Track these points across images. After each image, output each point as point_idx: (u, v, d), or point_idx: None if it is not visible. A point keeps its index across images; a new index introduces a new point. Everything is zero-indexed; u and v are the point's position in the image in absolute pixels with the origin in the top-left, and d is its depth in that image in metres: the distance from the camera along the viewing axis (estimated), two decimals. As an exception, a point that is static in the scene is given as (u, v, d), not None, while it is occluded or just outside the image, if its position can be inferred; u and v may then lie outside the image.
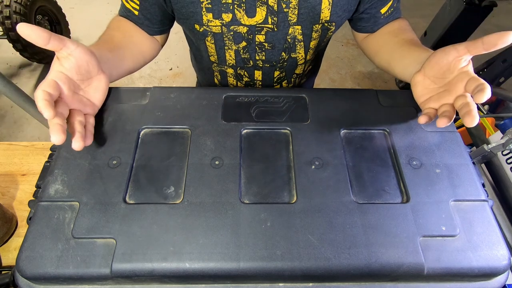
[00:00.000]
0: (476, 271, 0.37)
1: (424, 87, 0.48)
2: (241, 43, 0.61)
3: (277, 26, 0.58)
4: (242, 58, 0.65)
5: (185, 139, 0.46)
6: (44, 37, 0.37)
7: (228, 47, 0.62)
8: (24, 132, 1.81)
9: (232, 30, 0.58)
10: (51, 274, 0.35)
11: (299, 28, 0.59)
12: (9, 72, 2.10)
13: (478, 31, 1.69)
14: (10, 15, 1.70)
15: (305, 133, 0.47)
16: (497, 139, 0.69)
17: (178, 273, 0.36)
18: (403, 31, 0.61)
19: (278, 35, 0.60)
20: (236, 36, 0.60)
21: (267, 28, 0.58)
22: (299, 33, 0.60)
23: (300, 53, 0.65)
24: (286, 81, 0.73)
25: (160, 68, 2.21)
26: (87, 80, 0.45)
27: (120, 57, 0.54)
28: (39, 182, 0.43)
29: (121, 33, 0.58)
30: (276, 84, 0.72)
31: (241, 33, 0.59)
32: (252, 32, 0.59)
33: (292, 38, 0.61)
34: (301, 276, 0.37)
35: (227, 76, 0.71)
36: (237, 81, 0.72)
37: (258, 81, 0.71)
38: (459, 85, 0.43)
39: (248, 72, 0.69)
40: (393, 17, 0.64)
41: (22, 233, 0.60)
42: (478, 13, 1.51)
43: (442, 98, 0.45)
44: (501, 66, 1.14)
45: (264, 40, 0.60)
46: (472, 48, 0.41)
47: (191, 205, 0.40)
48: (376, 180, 0.43)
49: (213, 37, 0.60)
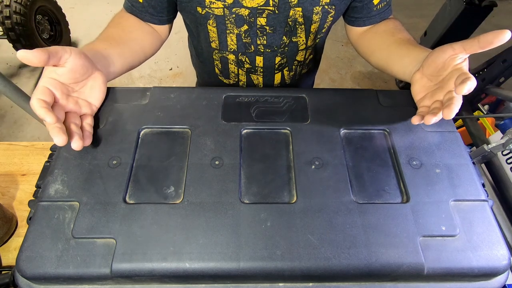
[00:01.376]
0: (476, 271, 0.37)
1: (421, 85, 0.49)
2: (242, 27, 0.62)
3: (278, 8, 0.58)
4: (243, 42, 0.65)
5: (185, 139, 0.46)
6: (43, 60, 0.38)
7: (230, 30, 0.62)
8: (24, 132, 1.81)
9: (234, 12, 0.59)
10: (51, 274, 0.35)
11: (299, 10, 0.59)
12: (9, 72, 2.10)
13: (478, 31, 1.69)
14: (10, 15, 1.70)
15: (305, 133, 0.47)
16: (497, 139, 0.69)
17: (178, 273, 0.36)
18: (399, 31, 0.62)
19: (279, 18, 0.60)
20: (238, 19, 0.60)
21: (268, 10, 0.59)
22: (300, 16, 0.60)
23: (301, 37, 0.65)
24: (287, 68, 0.73)
25: (160, 68, 2.21)
26: (82, 81, 0.45)
27: (117, 53, 0.55)
28: (39, 182, 0.43)
29: (120, 29, 0.59)
30: (278, 71, 0.72)
31: (243, 15, 0.59)
32: (253, 15, 0.59)
33: (293, 21, 0.61)
34: (301, 276, 0.37)
35: (228, 63, 0.71)
36: (238, 68, 0.72)
37: (259, 68, 0.71)
38: (450, 82, 0.44)
39: (249, 58, 0.69)
40: (386, 14, 0.65)
41: (22, 233, 0.60)
42: (478, 13, 1.51)
43: (435, 95, 0.46)
44: (501, 66, 1.14)
45: (265, 23, 0.61)
46: (468, 46, 0.41)
47: (191, 205, 0.40)
48: (376, 180, 0.43)
49: (215, 20, 0.60)
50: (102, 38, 0.56)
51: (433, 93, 0.47)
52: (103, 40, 0.55)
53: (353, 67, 2.31)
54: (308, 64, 0.77)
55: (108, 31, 0.58)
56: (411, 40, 0.58)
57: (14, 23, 1.71)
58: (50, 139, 0.38)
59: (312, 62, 0.79)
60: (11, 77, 2.06)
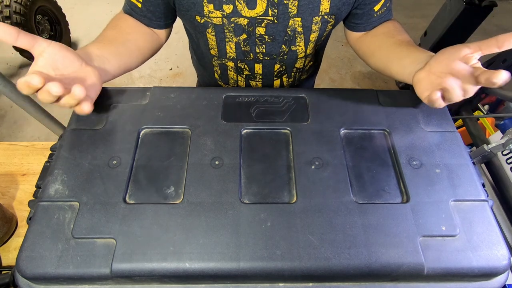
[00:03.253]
0: (476, 271, 0.37)
1: (429, 83, 0.47)
2: (241, 35, 0.62)
3: (277, 18, 0.58)
4: (242, 50, 0.65)
5: (185, 139, 0.46)
6: (12, 34, 0.38)
7: (229, 39, 0.63)
8: (24, 132, 1.81)
9: (232, 22, 0.59)
10: (51, 274, 0.35)
11: (299, 20, 0.59)
12: (9, 72, 2.10)
13: (478, 31, 1.69)
14: (10, 15, 1.70)
15: (305, 133, 0.47)
16: (497, 139, 0.69)
17: (178, 273, 0.36)
18: (398, 32, 0.62)
19: (278, 27, 0.60)
20: (237, 28, 0.60)
21: (268, 20, 0.59)
22: (299, 25, 0.60)
23: (300, 46, 0.65)
24: (286, 75, 0.73)
25: (160, 68, 2.21)
26: (71, 73, 0.44)
27: (113, 53, 0.54)
28: (39, 182, 0.43)
29: (116, 31, 0.59)
30: (277, 78, 0.72)
31: (242, 25, 0.59)
32: (252, 24, 0.59)
33: (292, 30, 0.61)
34: (301, 276, 0.37)
35: (227, 70, 0.71)
36: (237, 75, 0.72)
37: (258, 75, 0.71)
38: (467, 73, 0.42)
39: (248, 66, 0.69)
40: (386, 17, 0.65)
41: (22, 233, 0.60)
42: (478, 13, 1.51)
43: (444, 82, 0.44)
44: (501, 66, 1.14)
45: (264, 32, 0.61)
46: (485, 46, 0.40)
47: (191, 205, 0.40)
48: (376, 180, 0.43)
49: (214, 29, 0.60)
50: (98, 40, 0.56)
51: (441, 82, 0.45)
52: (98, 41, 0.55)
53: (353, 67, 2.31)
54: (307, 70, 0.77)
55: (105, 33, 0.58)
56: (410, 42, 0.59)
57: (14, 23, 1.71)
58: (50, 139, 0.38)
59: (312, 68, 0.79)
60: (11, 77, 2.06)
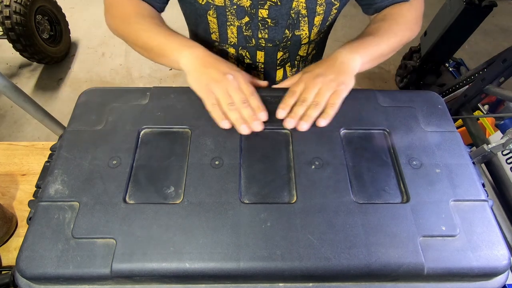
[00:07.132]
0: (476, 271, 0.37)
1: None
2: (243, 19, 0.60)
3: (281, 0, 0.57)
4: (244, 36, 0.63)
5: (185, 139, 0.46)
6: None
7: (231, 22, 0.61)
8: (24, 132, 1.81)
9: (235, 3, 0.57)
10: (51, 274, 0.35)
11: (303, 2, 0.57)
12: (9, 72, 2.10)
13: (478, 31, 1.69)
14: (10, 15, 1.69)
15: (305, 133, 0.47)
16: (497, 139, 0.69)
17: (178, 273, 0.36)
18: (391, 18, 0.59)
19: (281, 10, 0.59)
20: (239, 10, 0.58)
21: (271, 2, 0.57)
22: (303, 7, 0.58)
23: (304, 30, 0.63)
24: (289, 64, 0.71)
25: (160, 68, 2.21)
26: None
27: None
28: (39, 182, 0.43)
29: (156, 19, 0.58)
30: (280, 67, 0.71)
31: (244, 7, 0.58)
32: (255, 6, 0.58)
33: (296, 13, 0.59)
34: (301, 276, 0.37)
35: (228, 57, 0.69)
36: (237, 64, 0.70)
37: (260, 64, 0.69)
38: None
39: (250, 53, 0.67)
40: (394, 1, 0.61)
41: (22, 233, 0.60)
42: (478, 13, 1.50)
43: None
44: (501, 66, 1.13)
45: (267, 15, 0.59)
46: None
47: (191, 205, 0.40)
48: (376, 180, 0.43)
49: (216, 10, 0.59)
50: (167, 27, 0.56)
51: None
52: (169, 28, 0.56)
53: (353, 67, 2.30)
54: (311, 60, 0.76)
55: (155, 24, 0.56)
56: (376, 30, 0.56)
57: (14, 23, 1.71)
58: (50, 139, 0.38)
59: (315, 59, 0.79)
60: (11, 77, 2.06)
